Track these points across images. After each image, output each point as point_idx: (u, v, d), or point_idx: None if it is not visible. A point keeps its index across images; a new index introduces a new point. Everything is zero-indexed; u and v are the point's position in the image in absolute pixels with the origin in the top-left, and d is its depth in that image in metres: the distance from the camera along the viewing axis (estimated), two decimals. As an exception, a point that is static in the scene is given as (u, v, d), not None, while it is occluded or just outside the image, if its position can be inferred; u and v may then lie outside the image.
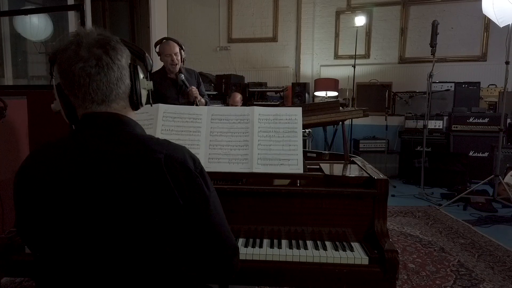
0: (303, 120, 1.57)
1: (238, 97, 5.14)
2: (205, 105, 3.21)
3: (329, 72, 6.27)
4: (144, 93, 1.01)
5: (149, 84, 1.04)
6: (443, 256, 2.80)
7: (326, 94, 5.82)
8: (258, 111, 1.57)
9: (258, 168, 1.47)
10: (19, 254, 1.31)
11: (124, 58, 0.92)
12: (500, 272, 2.54)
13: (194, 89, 3.08)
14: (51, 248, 0.87)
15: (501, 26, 3.85)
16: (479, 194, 4.19)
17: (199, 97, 3.11)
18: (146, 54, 1.07)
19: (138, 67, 0.98)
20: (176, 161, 0.86)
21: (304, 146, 5.59)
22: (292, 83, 6.06)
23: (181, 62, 3.12)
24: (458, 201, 4.12)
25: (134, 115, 0.98)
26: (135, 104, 0.97)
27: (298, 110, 1.56)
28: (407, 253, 2.86)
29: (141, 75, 0.99)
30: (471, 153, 5.21)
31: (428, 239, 3.16)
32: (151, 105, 1.11)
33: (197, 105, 3.10)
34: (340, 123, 1.76)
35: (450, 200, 4.17)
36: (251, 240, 1.38)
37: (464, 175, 4.90)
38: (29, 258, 1.27)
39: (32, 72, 5.19)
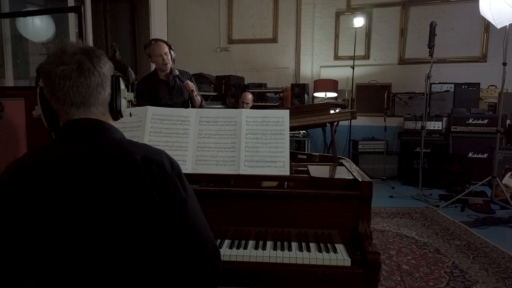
0: (291, 122, 1.59)
1: (250, 95, 4.87)
2: (201, 101, 3.21)
3: (328, 73, 6.27)
4: (124, 103, 1.04)
5: (130, 95, 1.09)
6: (438, 257, 2.80)
7: (326, 95, 5.83)
8: (246, 114, 1.58)
9: (245, 170, 1.48)
10: None
11: (106, 67, 0.96)
12: (494, 274, 2.53)
13: (190, 83, 3.09)
14: (34, 258, 0.88)
15: (498, 28, 3.84)
16: (478, 196, 4.17)
17: (195, 91, 3.12)
18: (129, 69, 1.11)
19: (121, 79, 1.01)
20: (152, 163, 0.88)
21: (303, 147, 5.60)
22: (291, 84, 6.06)
23: (172, 62, 3.14)
24: (456, 202, 4.12)
25: (114, 124, 1.00)
26: (115, 112, 0.99)
27: (286, 113, 1.57)
28: (402, 254, 2.86)
29: (123, 86, 1.03)
30: (470, 154, 5.20)
31: (424, 240, 3.16)
32: (130, 115, 1.15)
33: (193, 100, 3.11)
34: (329, 125, 1.77)
35: (448, 201, 4.16)
36: (236, 242, 1.40)
37: (463, 176, 4.89)
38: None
39: (33, 73, 5.22)
